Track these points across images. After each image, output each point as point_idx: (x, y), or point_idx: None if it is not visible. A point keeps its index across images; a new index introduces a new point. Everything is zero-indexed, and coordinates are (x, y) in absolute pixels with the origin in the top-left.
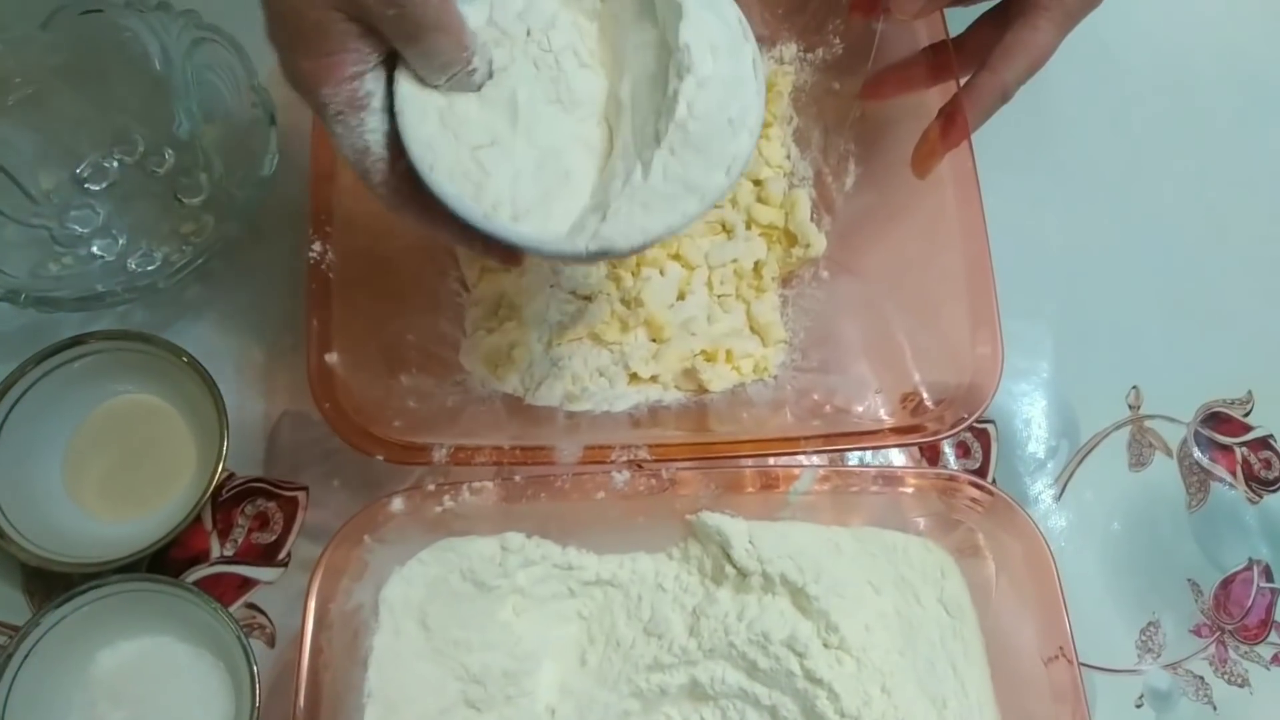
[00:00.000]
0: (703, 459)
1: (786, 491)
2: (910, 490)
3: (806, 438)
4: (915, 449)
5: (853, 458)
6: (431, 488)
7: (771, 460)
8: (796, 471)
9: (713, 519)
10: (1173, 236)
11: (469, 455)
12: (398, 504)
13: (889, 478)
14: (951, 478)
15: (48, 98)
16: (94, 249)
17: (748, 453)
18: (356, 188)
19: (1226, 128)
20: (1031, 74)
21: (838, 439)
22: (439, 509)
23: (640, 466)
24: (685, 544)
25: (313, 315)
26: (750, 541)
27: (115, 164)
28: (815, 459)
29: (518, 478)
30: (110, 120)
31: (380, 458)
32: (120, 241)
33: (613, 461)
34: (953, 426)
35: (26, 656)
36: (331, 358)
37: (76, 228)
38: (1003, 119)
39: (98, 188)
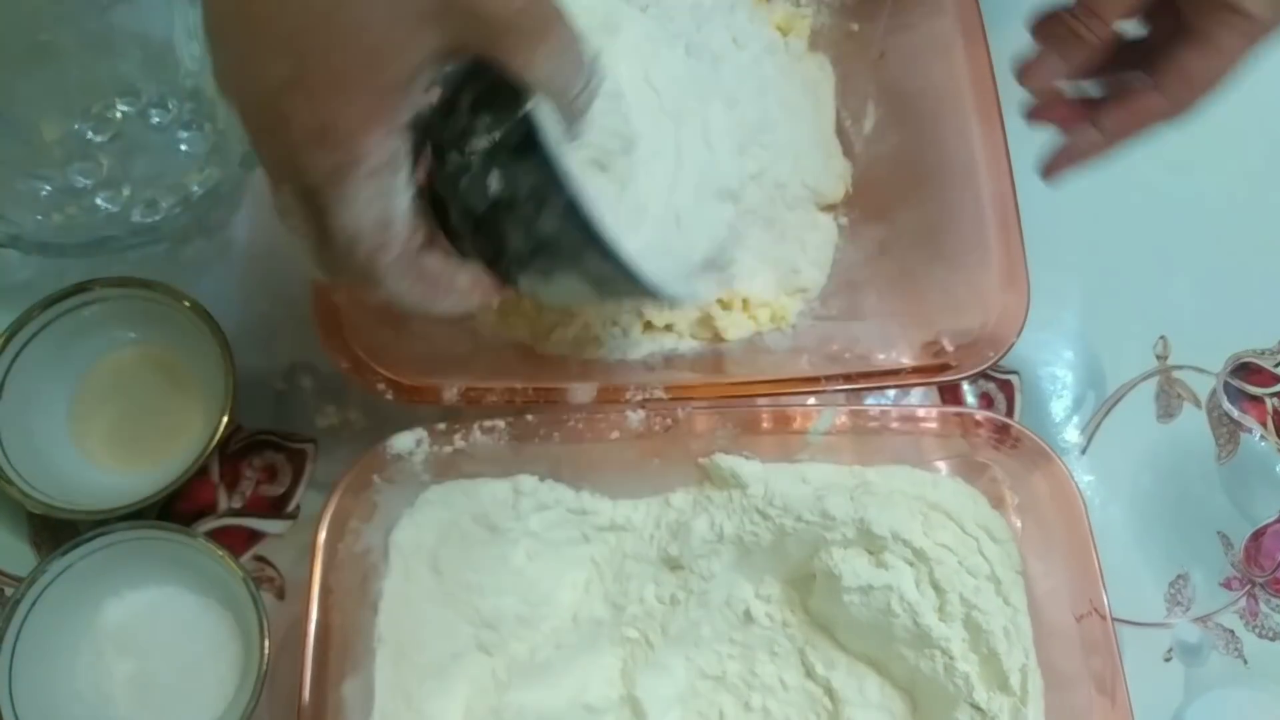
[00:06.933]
0: (719, 398)
1: (805, 432)
2: (934, 427)
3: (827, 377)
4: (937, 398)
5: (874, 405)
6: (442, 426)
7: (790, 400)
8: (815, 412)
9: (727, 461)
10: (1202, 185)
11: (480, 395)
12: (408, 441)
13: (912, 417)
14: (976, 418)
15: (51, 47)
16: (98, 200)
17: (766, 391)
18: None
19: (1260, 75)
20: (1209, 99)
21: (858, 379)
22: (449, 449)
23: (646, 405)
24: (701, 487)
25: None
26: (766, 484)
27: (119, 115)
28: (835, 399)
29: (530, 417)
30: (114, 71)
31: (389, 395)
32: (125, 192)
33: (627, 401)
34: (975, 367)
35: (33, 605)
36: (338, 297)
37: (80, 179)
38: None
39: (102, 139)
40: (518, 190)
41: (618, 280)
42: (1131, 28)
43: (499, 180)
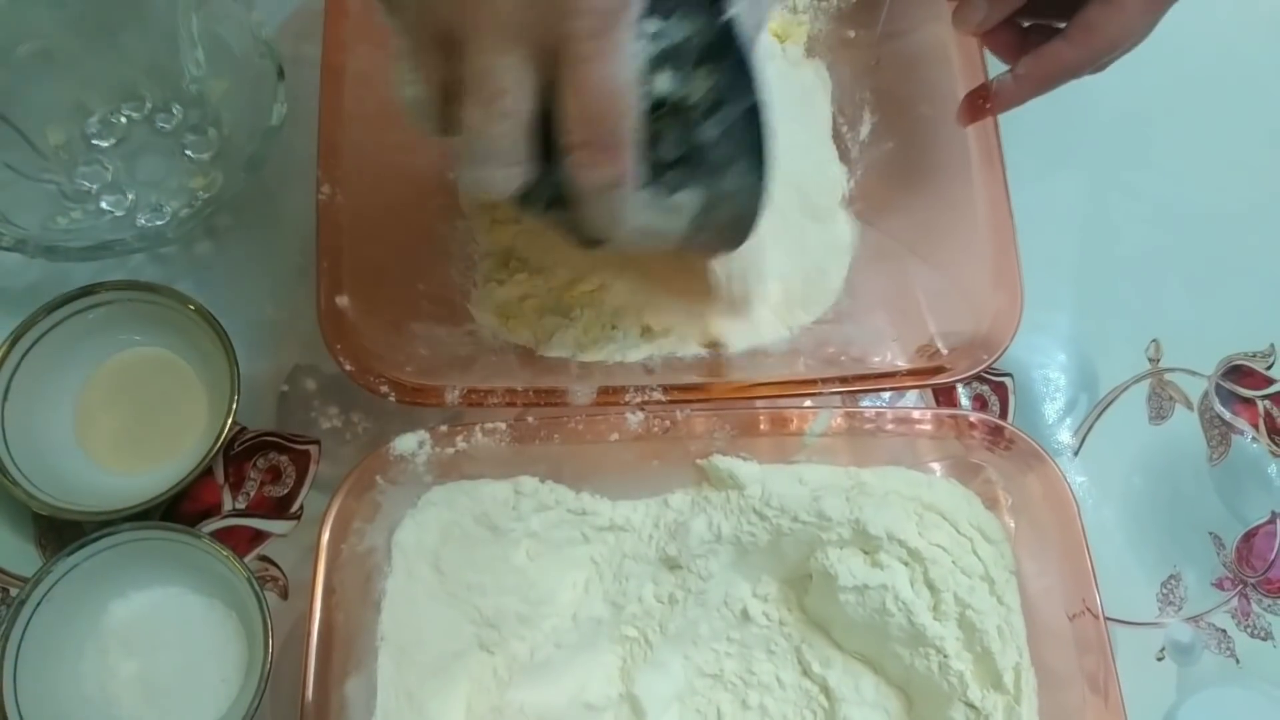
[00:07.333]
0: (717, 400)
1: (802, 434)
2: (929, 429)
3: (823, 379)
4: (932, 400)
5: (869, 406)
6: (444, 428)
7: (787, 402)
8: (812, 414)
9: (724, 462)
10: (1194, 188)
11: (481, 397)
12: (410, 443)
13: (907, 419)
14: (970, 419)
15: (56, 52)
16: (103, 204)
17: (763, 394)
18: (365, 136)
19: (1250, 76)
20: (1112, 57)
21: (854, 381)
22: (452, 451)
23: (645, 407)
24: (699, 488)
25: (323, 257)
26: (763, 485)
27: (124, 120)
28: (831, 401)
29: (531, 419)
30: (119, 76)
31: (391, 397)
32: (129, 197)
33: (626, 403)
34: (970, 369)
35: (38, 605)
36: (342, 300)
37: (85, 183)
38: None
39: (106, 144)
40: (690, 93)
41: (733, 202)
42: None
43: (671, 81)
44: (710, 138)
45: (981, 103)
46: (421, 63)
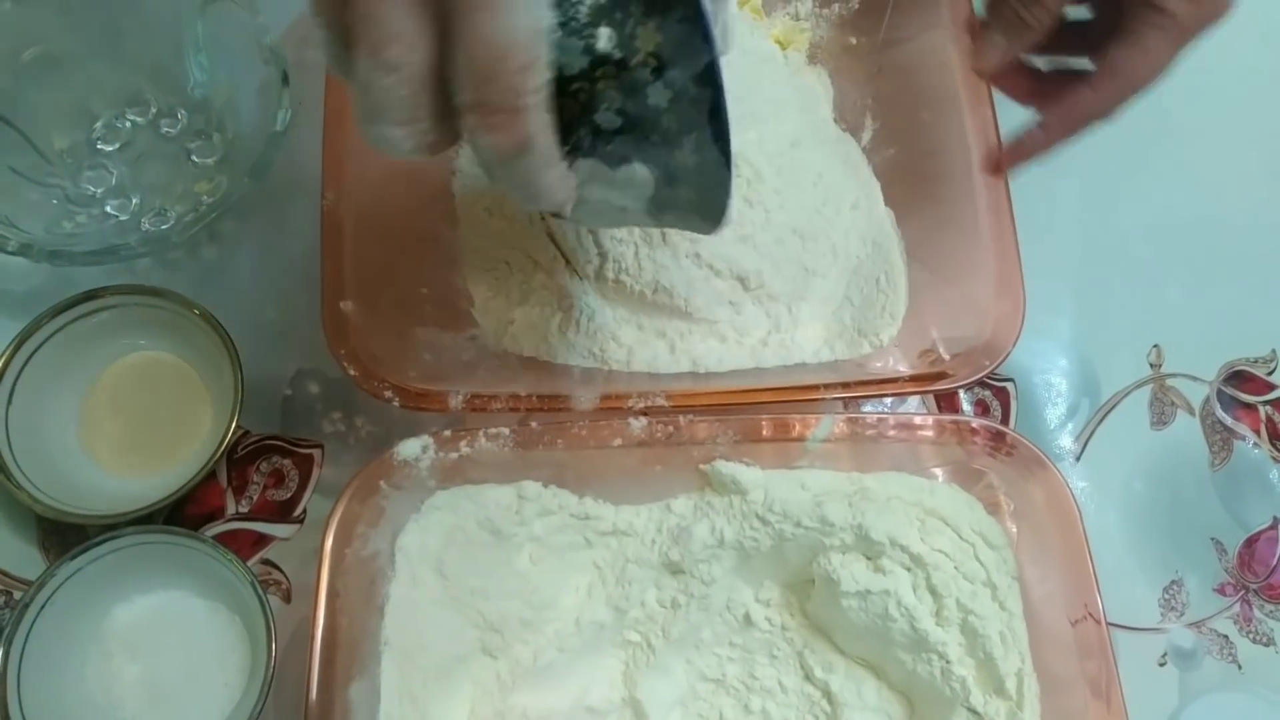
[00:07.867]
0: (720, 406)
1: (804, 439)
2: (931, 435)
3: (826, 385)
4: (934, 405)
5: (872, 412)
6: (448, 433)
7: (789, 408)
8: (814, 419)
9: (727, 467)
10: (1195, 193)
11: (485, 402)
12: (414, 448)
13: (909, 424)
14: (972, 425)
15: (61, 57)
16: (108, 208)
17: (766, 399)
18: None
19: (1253, 80)
20: (1138, 96)
21: (856, 387)
22: (455, 455)
23: (648, 412)
24: (702, 493)
25: (327, 261)
26: (766, 490)
27: (128, 124)
28: (834, 407)
29: (534, 424)
30: (124, 80)
31: (395, 402)
32: (134, 201)
33: (629, 408)
34: (972, 375)
35: (42, 609)
36: (346, 305)
37: (90, 188)
38: None
39: (111, 148)
40: (634, 50)
41: (693, 179)
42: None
43: (612, 38)
44: (657, 104)
45: (1012, 155)
46: (320, 4)
